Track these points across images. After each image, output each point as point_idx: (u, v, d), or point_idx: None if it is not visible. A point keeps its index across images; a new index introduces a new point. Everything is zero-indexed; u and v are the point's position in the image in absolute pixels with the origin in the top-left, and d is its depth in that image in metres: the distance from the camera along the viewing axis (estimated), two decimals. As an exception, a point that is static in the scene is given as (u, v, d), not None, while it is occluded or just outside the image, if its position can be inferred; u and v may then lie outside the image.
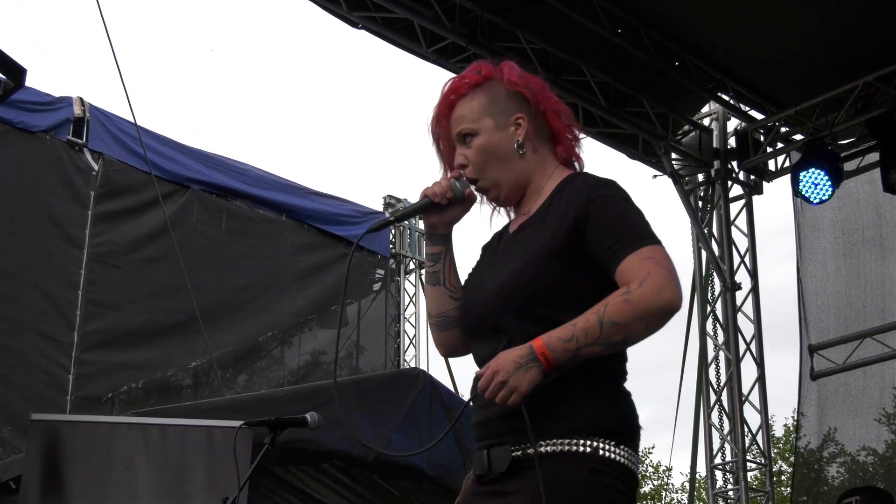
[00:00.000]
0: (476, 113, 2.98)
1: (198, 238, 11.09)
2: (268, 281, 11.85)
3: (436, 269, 3.06)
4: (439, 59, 9.03)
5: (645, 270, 2.67)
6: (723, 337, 10.35)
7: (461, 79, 3.06)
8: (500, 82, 3.03)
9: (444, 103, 3.04)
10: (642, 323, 2.64)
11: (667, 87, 9.75)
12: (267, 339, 12.03)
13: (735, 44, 9.45)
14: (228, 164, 11.81)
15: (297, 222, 12.27)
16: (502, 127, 2.97)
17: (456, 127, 3.01)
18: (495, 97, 3.00)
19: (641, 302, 2.63)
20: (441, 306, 3.05)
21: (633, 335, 2.66)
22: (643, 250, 2.71)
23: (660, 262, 2.69)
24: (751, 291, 10.46)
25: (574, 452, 2.66)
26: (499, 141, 2.97)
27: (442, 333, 3.07)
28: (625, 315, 2.63)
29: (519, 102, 3.00)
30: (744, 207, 10.70)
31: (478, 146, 2.97)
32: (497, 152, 2.96)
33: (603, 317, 2.63)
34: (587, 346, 2.64)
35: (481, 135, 2.97)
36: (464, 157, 2.99)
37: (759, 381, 10.24)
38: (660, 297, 2.64)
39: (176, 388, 10.95)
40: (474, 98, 3.01)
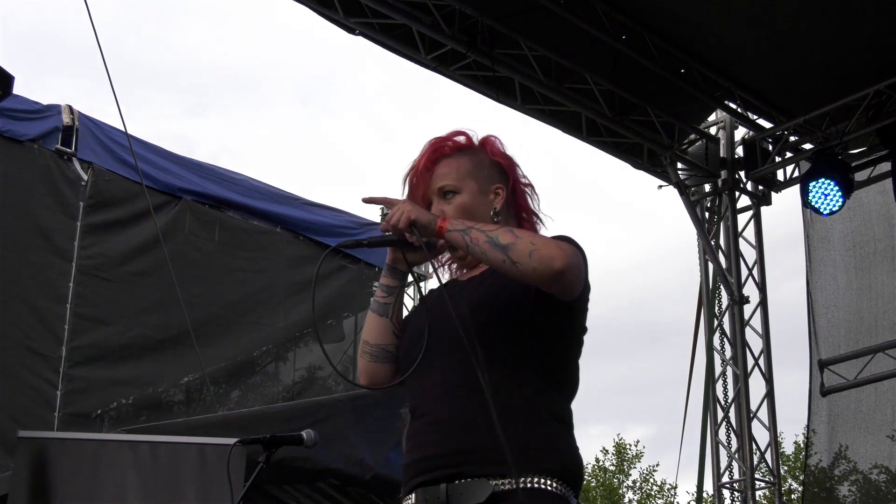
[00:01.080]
0: (461, 173, 3.16)
1: (190, 250, 11.10)
2: (262, 294, 11.85)
3: (387, 301, 3.16)
4: (438, 67, 9.04)
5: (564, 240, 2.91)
6: (730, 352, 10.35)
7: (447, 139, 3.23)
8: (483, 152, 3.23)
9: (428, 158, 3.19)
10: (530, 247, 2.81)
11: (672, 96, 9.76)
12: (261, 353, 12.02)
13: (742, 50, 9.47)
14: (221, 174, 11.82)
15: (293, 234, 12.27)
16: (484, 192, 3.16)
17: (438, 182, 3.16)
18: (480, 163, 3.20)
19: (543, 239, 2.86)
20: (382, 338, 3.14)
21: (517, 250, 2.81)
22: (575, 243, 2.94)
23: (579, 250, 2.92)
24: (759, 305, 10.46)
25: (551, 493, 2.79)
26: (479, 205, 3.13)
27: (373, 365, 3.15)
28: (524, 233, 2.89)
29: (499, 174, 3.21)
30: (752, 219, 10.70)
31: (459, 204, 3.12)
32: (475, 215, 3.09)
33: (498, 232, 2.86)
34: (479, 230, 2.87)
35: (463, 195, 3.14)
36: (441, 211, 3.11)
37: (767, 397, 10.24)
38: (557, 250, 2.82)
39: (167, 404, 10.94)
40: (459, 159, 3.19)
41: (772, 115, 10.29)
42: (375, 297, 3.19)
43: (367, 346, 3.15)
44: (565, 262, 2.78)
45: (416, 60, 9.06)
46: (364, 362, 3.16)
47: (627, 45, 9.08)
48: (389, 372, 3.14)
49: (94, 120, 10.69)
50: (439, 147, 3.20)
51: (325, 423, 7.18)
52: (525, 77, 9.11)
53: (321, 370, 12.33)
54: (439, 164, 3.17)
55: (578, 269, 2.85)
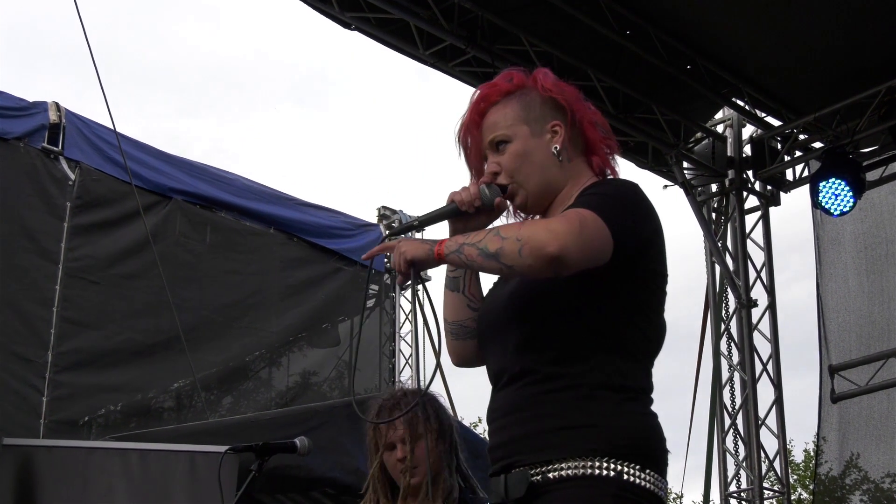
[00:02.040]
0: (510, 119, 3.00)
1: (180, 252, 11.08)
2: (255, 297, 11.83)
3: (456, 275, 3.10)
4: (437, 63, 9.05)
5: (560, 217, 2.72)
6: (738, 357, 10.35)
7: (492, 86, 3.08)
8: (534, 90, 3.05)
9: (474, 111, 3.06)
10: (517, 245, 2.66)
11: (678, 93, 9.77)
12: (254, 359, 12.01)
13: (751, 46, 9.46)
14: (213, 173, 11.80)
15: (286, 235, 12.25)
16: (538, 134, 3.00)
17: (488, 135, 3.03)
18: (530, 104, 3.03)
19: (530, 229, 2.68)
20: (458, 314, 3.09)
21: (506, 253, 2.69)
22: (581, 210, 2.72)
23: (580, 220, 2.68)
24: (767, 308, 10.46)
25: (596, 476, 2.64)
26: (535, 148, 2.98)
27: (456, 342, 3.11)
28: (510, 231, 2.72)
29: (554, 110, 3.03)
30: (760, 219, 10.71)
31: (513, 152, 2.98)
32: (533, 159, 2.98)
33: (494, 228, 2.79)
34: (469, 244, 2.75)
35: (516, 141, 2.98)
36: (497, 164, 3.01)
37: (776, 403, 10.24)
38: (547, 235, 2.64)
39: (157, 411, 10.94)
40: (507, 105, 3.03)
41: (781, 112, 10.29)
42: (447, 272, 3.12)
43: (447, 325, 3.11)
44: (558, 244, 2.60)
45: (413, 56, 9.07)
46: (449, 341, 3.12)
47: (632, 40, 9.09)
48: (475, 346, 3.07)
49: (82, 117, 10.66)
50: (485, 95, 3.07)
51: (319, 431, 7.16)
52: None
53: (315, 375, 12.33)
54: (487, 114, 3.04)
55: (583, 242, 2.64)
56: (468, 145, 3.08)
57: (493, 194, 2.98)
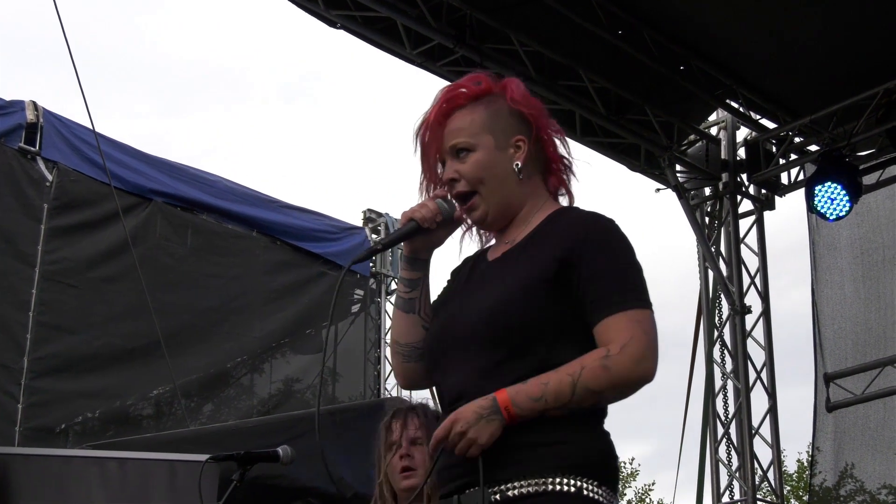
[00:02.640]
0: (476, 127, 2.99)
1: (161, 255, 11.06)
2: (237, 302, 11.82)
3: (412, 296, 3.07)
4: (424, 62, 9.03)
5: (629, 334, 2.73)
6: (731, 365, 10.35)
7: (459, 87, 3.06)
8: (502, 98, 3.04)
9: (438, 111, 3.03)
10: (616, 392, 2.75)
11: (671, 94, 9.77)
12: (235, 365, 11.99)
13: (745, 47, 9.48)
14: (195, 174, 11.78)
15: (269, 238, 12.24)
16: (502, 147, 2.99)
17: (451, 139, 3.01)
18: (497, 113, 3.01)
19: (619, 370, 2.70)
20: (411, 336, 3.07)
21: (604, 402, 2.78)
22: (632, 312, 2.77)
23: (646, 330, 2.76)
24: (762, 315, 10.46)
25: (557, 492, 2.68)
26: (498, 161, 2.98)
27: (406, 365, 3.09)
28: (600, 382, 2.70)
29: (520, 123, 3.02)
30: (754, 224, 10.71)
31: (475, 162, 2.97)
32: (495, 172, 2.97)
33: (577, 380, 2.69)
34: (553, 409, 2.69)
35: (480, 151, 2.97)
36: (456, 172, 2.99)
37: (770, 412, 10.24)
38: (638, 368, 2.72)
39: (136, 418, 10.92)
40: (474, 111, 3.01)
41: (776, 114, 10.30)
42: (399, 293, 3.11)
43: (397, 346, 3.09)
44: (650, 360, 2.76)
45: (400, 56, 9.06)
46: (398, 363, 3.10)
47: (624, 40, 9.09)
48: (425, 370, 3.05)
49: (60, 117, 10.64)
50: (452, 97, 3.04)
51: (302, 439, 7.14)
52: (516, 74, 9.04)
53: (299, 382, 12.31)
54: (452, 116, 3.02)
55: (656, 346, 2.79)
56: (426, 144, 3.06)
57: (451, 208, 3.01)
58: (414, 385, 3.14)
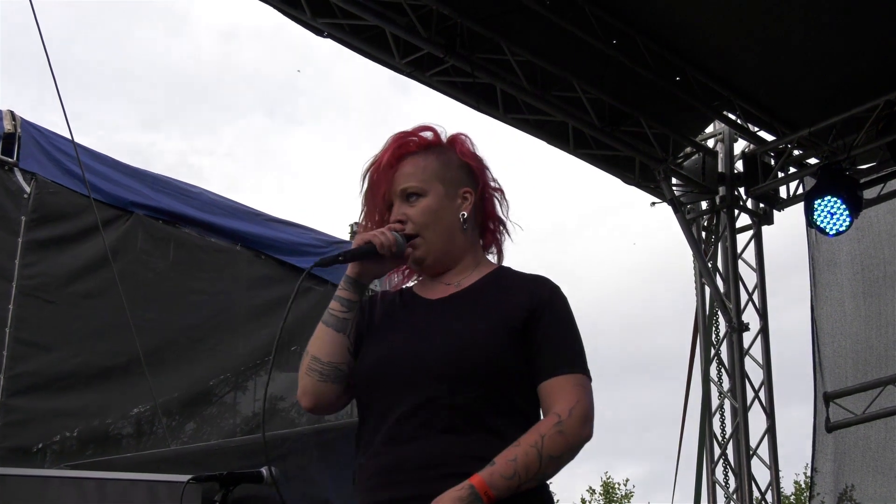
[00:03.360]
0: (427, 174, 3.16)
1: (142, 270, 11.04)
2: (220, 318, 11.79)
3: (346, 317, 3.15)
4: (413, 72, 9.05)
5: (574, 398, 2.95)
6: (728, 383, 10.37)
7: (413, 135, 3.22)
8: (452, 151, 3.23)
9: (392, 154, 3.18)
10: (571, 455, 2.92)
11: (667, 105, 9.81)
12: (218, 382, 11.96)
13: (743, 57, 9.51)
14: (177, 186, 11.76)
15: (254, 252, 12.22)
16: (451, 196, 3.17)
17: (402, 183, 3.16)
18: (447, 163, 3.20)
19: (572, 434, 2.90)
20: (335, 356, 3.12)
21: (562, 466, 2.93)
22: (577, 377, 3.00)
23: (588, 394, 2.99)
24: (760, 333, 10.49)
25: None
26: (445, 209, 3.15)
27: (320, 384, 3.12)
28: (560, 448, 2.88)
29: (467, 176, 3.22)
30: (752, 239, 10.74)
31: (424, 207, 3.13)
32: (441, 219, 3.14)
33: (542, 451, 2.85)
34: (526, 482, 2.83)
35: (430, 197, 3.14)
36: (404, 214, 3.14)
37: (768, 432, 10.26)
38: (584, 430, 2.93)
39: (115, 437, 10.88)
40: (426, 158, 3.19)
41: (774, 126, 10.34)
42: (332, 311, 3.17)
43: (316, 364, 3.11)
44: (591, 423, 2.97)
45: (389, 65, 9.07)
46: (311, 381, 3.12)
47: (619, 49, 9.11)
48: (337, 392, 3.13)
49: (39, 127, 10.62)
50: (404, 143, 3.21)
51: (287, 459, 7.16)
52: (508, 84, 9.13)
53: (283, 401, 12.28)
54: (404, 161, 3.18)
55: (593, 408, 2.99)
56: (375, 184, 3.20)
57: (404, 244, 3.12)
58: (321, 406, 3.16)
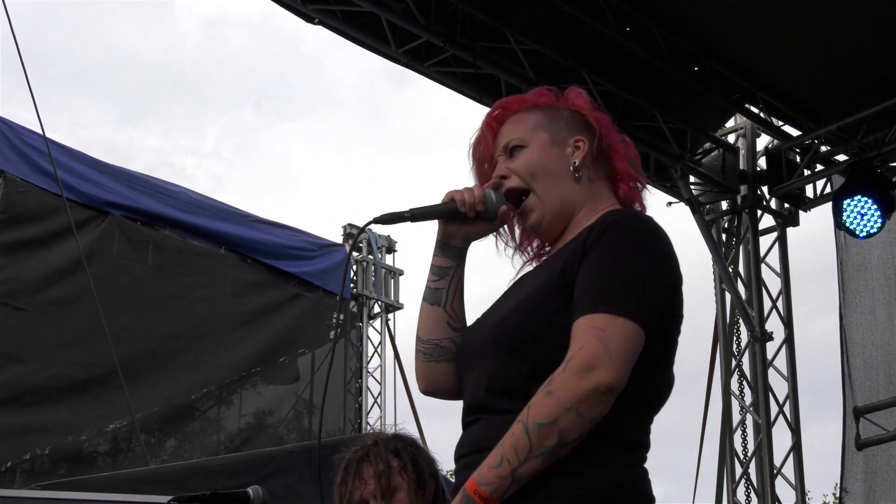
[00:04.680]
0: (530, 125, 3.02)
1: (119, 274, 11.07)
2: (203, 327, 11.82)
3: (439, 286, 3.06)
4: (411, 62, 9.03)
5: (580, 343, 2.64)
6: (751, 397, 10.36)
7: (518, 97, 3.13)
8: (563, 107, 3.09)
9: (492, 118, 3.10)
10: (572, 414, 2.58)
11: (684, 98, 9.79)
12: (201, 396, 12.00)
13: (766, 46, 9.49)
14: (157, 185, 11.79)
15: (239, 256, 12.25)
16: (558, 144, 3.00)
17: (504, 139, 3.04)
18: (555, 115, 3.05)
19: (563, 391, 2.59)
20: (435, 332, 3.04)
21: (568, 431, 2.60)
22: (597, 318, 2.66)
23: (603, 338, 2.63)
24: (784, 343, 10.47)
25: None
26: (552, 157, 2.99)
27: (427, 365, 3.05)
28: (549, 411, 2.59)
29: (581, 126, 3.04)
30: (776, 242, 10.73)
31: (526, 159, 2.99)
32: (548, 168, 2.98)
33: (527, 421, 2.60)
34: (522, 464, 2.61)
35: (532, 147, 2.99)
36: (506, 168, 3.01)
37: (793, 450, 10.25)
38: (582, 381, 2.58)
39: (90, 455, 10.91)
40: (530, 113, 3.06)
41: (800, 121, 10.32)
42: (427, 282, 3.07)
43: (419, 343, 3.05)
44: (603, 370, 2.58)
45: (385, 55, 9.06)
46: (418, 362, 3.07)
47: (632, 38, 9.10)
48: (450, 373, 3.02)
49: (7, 121, 10.64)
50: (508, 103, 3.11)
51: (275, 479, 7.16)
52: (512, 75, 9.11)
53: (271, 416, 12.31)
54: (507, 120, 3.08)
55: (621, 362, 2.61)
56: (480, 155, 3.11)
57: (498, 201, 2.99)
58: (434, 390, 3.07)
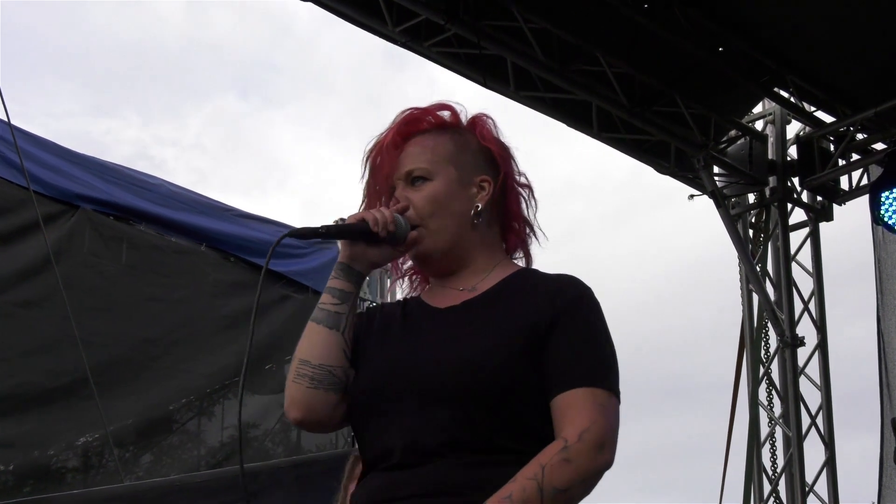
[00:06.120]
0: (438, 155, 3.12)
1: (90, 274, 11.04)
2: (182, 331, 11.79)
3: (339, 311, 3.07)
4: (410, 42, 9.03)
5: (589, 418, 2.84)
6: (780, 408, 10.38)
7: (424, 111, 3.20)
8: (472, 134, 3.19)
9: (397, 132, 3.16)
10: (582, 486, 2.80)
11: (707, 81, 9.79)
12: (180, 407, 11.98)
13: (798, 24, 9.49)
14: (132, 177, 11.75)
15: (221, 254, 12.22)
16: (465, 183, 3.12)
17: (408, 164, 3.13)
18: (463, 146, 3.16)
19: (581, 461, 2.79)
20: (329, 358, 3.03)
21: (575, 498, 2.81)
22: (598, 392, 2.89)
23: (608, 416, 2.86)
24: (817, 348, 10.49)
25: None
26: (456, 197, 3.11)
27: (310, 392, 3.02)
28: (566, 478, 2.77)
29: (487, 163, 3.17)
30: (808, 238, 10.74)
31: (431, 193, 3.09)
32: (449, 209, 3.09)
33: (543, 483, 2.74)
34: None
35: (438, 181, 3.10)
36: (406, 198, 3.10)
37: (827, 465, 10.27)
38: (599, 457, 2.81)
39: (59, 471, 10.90)
40: (438, 138, 3.16)
41: (834, 106, 10.33)
42: (322, 305, 3.09)
43: (306, 368, 3.02)
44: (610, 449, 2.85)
45: (381, 34, 9.06)
46: (299, 388, 3.02)
47: (651, 16, 9.10)
48: (333, 402, 3.04)
49: (-32, 107, 10.64)
50: (413, 119, 3.18)
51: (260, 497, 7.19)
52: (520, 56, 9.12)
53: (256, 428, 12.28)
54: (411, 140, 3.15)
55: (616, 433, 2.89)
56: (377, 167, 3.18)
57: (407, 226, 3.08)
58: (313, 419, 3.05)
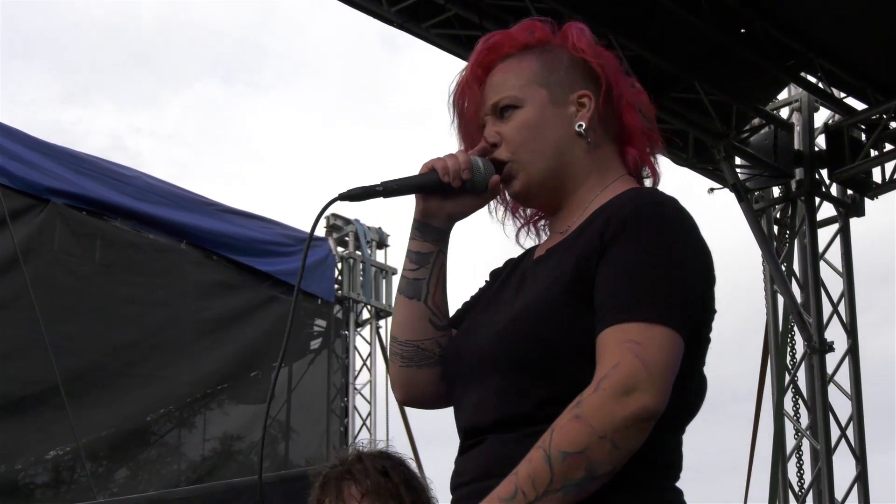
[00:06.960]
0: (524, 79, 2.90)
1: (61, 273, 11.03)
2: (160, 335, 11.79)
3: (418, 276, 2.95)
4: (406, 23, 9.03)
5: (612, 362, 2.53)
6: (808, 419, 10.33)
7: (506, 35, 2.98)
8: (562, 49, 2.95)
9: (478, 63, 2.96)
10: (606, 444, 2.48)
11: (729, 66, 9.76)
12: (158, 418, 11.97)
13: (827, 3, 9.46)
14: (106, 168, 11.74)
15: (203, 252, 12.21)
16: (559, 103, 2.89)
17: (493, 96, 2.92)
18: (553, 63, 2.93)
19: (597, 415, 2.48)
20: (414, 332, 2.94)
21: (599, 464, 2.50)
22: (631, 327, 2.55)
23: (641, 353, 2.52)
24: (847, 354, 10.44)
25: None
26: (552, 120, 2.87)
27: (405, 370, 2.95)
28: (579, 438, 2.49)
29: (585, 77, 2.92)
30: (837, 235, 10.69)
31: (522, 121, 2.87)
32: (547, 135, 2.87)
33: (549, 448, 2.49)
34: (540, 497, 2.50)
35: (528, 107, 2.87)
36: (496, 133, 2.90)
37: (858, 480, 10.23)
38: (624, 404, 2.47)
39: (27, 487, 10.89)
40: (523, 61, 2.93)
41: (866, 92, 10.29)
42: (403, 272, 2.98)
43: (395, 345, 2.95)
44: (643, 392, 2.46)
45: (376, 14, 9.05)
46: (395, 368, 2.97)
47: (667, -6, 9.08)
48: (431, 379, 2.94)
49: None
50: (494, 46, 2.97)
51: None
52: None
53: (240, 441, 12.28)
54: (496, 69, 2.94)
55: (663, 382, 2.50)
56: (464, 108, 2.98)
57: (487, 171, 2.88)
58: (414, 399, 3.01)
